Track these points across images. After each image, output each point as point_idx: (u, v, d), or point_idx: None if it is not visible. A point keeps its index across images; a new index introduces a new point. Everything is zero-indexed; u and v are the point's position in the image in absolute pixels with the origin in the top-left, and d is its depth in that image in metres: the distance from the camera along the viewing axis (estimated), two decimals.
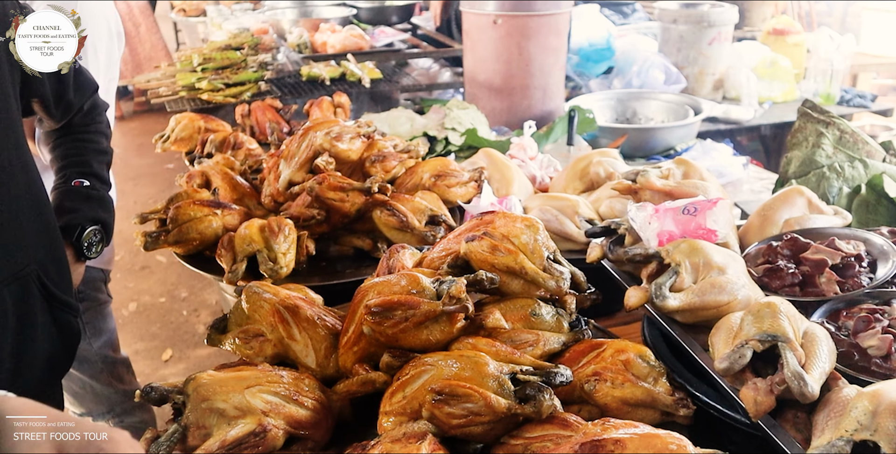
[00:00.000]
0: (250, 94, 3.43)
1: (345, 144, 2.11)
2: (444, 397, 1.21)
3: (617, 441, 0.99)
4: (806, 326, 1.32)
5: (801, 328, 1.31)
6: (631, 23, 5.96)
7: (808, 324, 1.33)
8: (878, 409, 1.12)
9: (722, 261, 1.49)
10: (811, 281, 1.56)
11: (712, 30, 4.30)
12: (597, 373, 1.34)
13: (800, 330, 1.30)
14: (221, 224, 2.01)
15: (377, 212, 1.98)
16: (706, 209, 1.57)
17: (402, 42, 4.48)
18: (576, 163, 2.39)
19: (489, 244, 1.46)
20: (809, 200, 1.83)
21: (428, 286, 1.36)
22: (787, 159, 2.16)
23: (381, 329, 1.34)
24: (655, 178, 1.79)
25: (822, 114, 2.14)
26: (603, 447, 0.98)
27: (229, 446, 1.25)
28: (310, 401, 1.33)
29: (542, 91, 3.74)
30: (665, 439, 1.00)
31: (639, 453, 0.97)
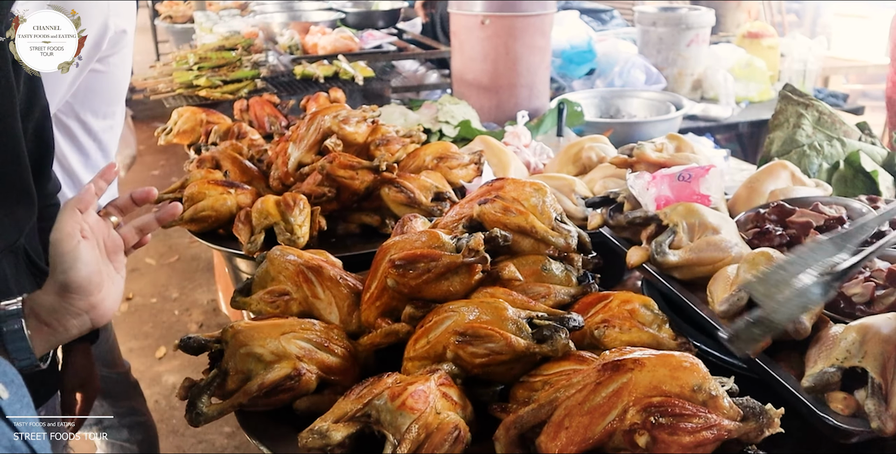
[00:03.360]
0: (247, 90, 3.53)
1: (352, 127, 2.21)
2: (467, 338, 1.30)
3: (636, 360, 1.09)
4: None
5: None
6: (609, 29, 6.12)
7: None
8: (865, 339, 1.23)
9: (716, 223, 1.60)
10: (798, 242, 1.67)
11: (690, 32, 4.46)
12: (605, 321, 1.44)
13: None
14: (235, 202, 2.09)
15: (385, 189, 2.07)
16: (700, 176, 1.69)
17: (390, 44, 4.60)
18: (568, 148, 2.51)
19: (501, 206, 1.57)
20: (793, 173, 1.95)
21: (447, 241, 1.46)
22: (769, 139, 2.29)
23: (404, 281, 1.43)
24: (650, 151, 1.91)
25: (802, 97, 2.28)
26: (623, 365, 1.08)
27: (267, 388, 1.33)
28: (339, 349, 1.43)
29: (528, 89, 3.87)
30: (679, 358, 1.10)
31: (657, 369, 1.07)
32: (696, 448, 1.03)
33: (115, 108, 2.43)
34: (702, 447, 1.03)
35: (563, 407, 1.09)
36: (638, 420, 1.03)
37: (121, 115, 2.49)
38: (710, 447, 1.05)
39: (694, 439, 1.02)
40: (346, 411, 1.16)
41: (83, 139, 2.37)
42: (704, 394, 1.06)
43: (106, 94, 2.36)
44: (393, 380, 1.21)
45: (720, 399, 1.06)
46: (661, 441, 1.01)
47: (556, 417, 1.08)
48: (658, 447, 1.02)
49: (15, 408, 0.89)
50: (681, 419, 1.02)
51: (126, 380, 2.79)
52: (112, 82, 2.35)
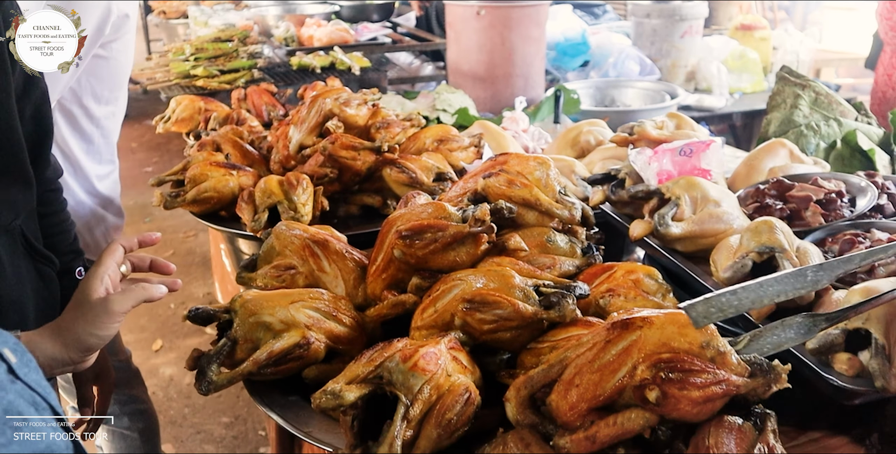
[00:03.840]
0: (244, 80, 3.53)
1: (353, 110, 2.22)
2: (475, 305, 1.31)
3: (645, 318, 1.10)
4: (798, 243, 1.45)
5: (795, 244, 1.44)
6: (602, 23, 6.15)
7: (800, 242, 1.47)
8: None
9: (717, 196, 1.62)
10: (798, 215, 1.70)
11: (684, 23, 4.49)
12: (610, 290, 1.45)
13: (793, 245, 1.43)
14: (238, 183, 2.10)
15: (387, 169, 2.08)
16: (700, 151, 1.71)
17: (385, 37, 4.61)
18: (566, 132, 2.53)
19: (506, 179, 1.58)
20: (791, 151, 1.98)
21: (453, 212, 1.48)
22: (767, 120, 2.32)
23: (411, 251, 1.45)
24: (651, 129, 1.93)
25: (799, 78, 2.31)
26: (633, 323, 1.10)
27: (276, 356, 1.34)
28: (347, 319, 1.44)
29: (524, 79, 3.89)
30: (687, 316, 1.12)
31: (665, 327, 1.09)
32: (706, 403, 1.04)
33: (117, 93, 2.43)
34: (711, 402, 1.05)
35: (573, 365, 1.10)
36: (648, 376, 1.04)
37: (123, 101, 2.49)
38: (720, 402, 1.06)
39: (703, 394, 1.03)
40: (358, 373, 1.17)
41: (85, 125, 2.38)
42: (713, 351, 1.07)
43: (108, 80, 2.36)
44: (404, 344, 1.22)
45: (728, 355, 1.08)
46: (671, 396, 1.03)
47: (567, 376, 1.10)
48: (668, 402, 1.03)
49: (24, 370, 0.90)
50: (690, 374, 1.04)
51: (128, 368, 2.79)
52: (115, 68, 2.36)
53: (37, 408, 0.86)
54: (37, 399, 0.89)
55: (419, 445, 1.13)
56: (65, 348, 1.23)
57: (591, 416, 1.06)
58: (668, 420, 1.06)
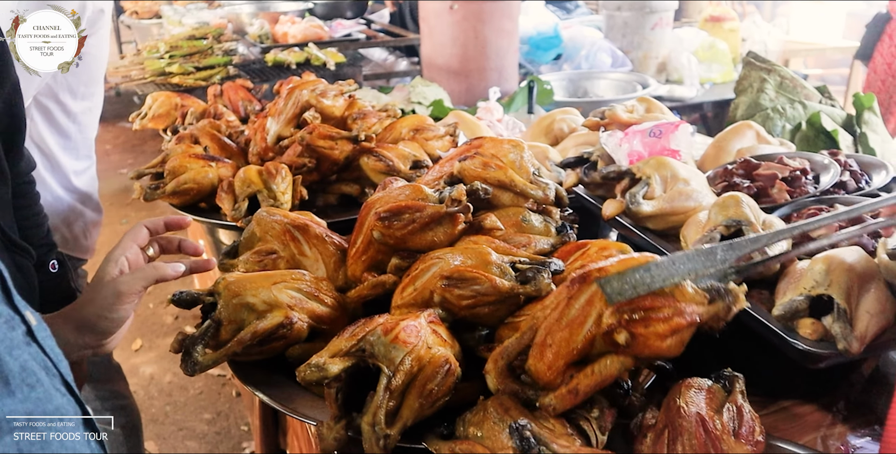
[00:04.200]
0: (220, 77, 3.54)
1: (329, 101, 2.25)
2: (454, 281, 1.35)
3: (600, 269, 1.14)
4: (764, 216, 1.51)
5: (761, 218, 1.49)
6: (574, 17, 6.22)
7: (765, 215, 1.52)
8: (830, 268, 1.30)
9: (687, 175, 1.67)
10: (765, 192, 1.75)
11: (654, 15, 4.56)
12: (584, 266, 1.49)
13: (759, 218, 1.48)
14: (217, 174, 2.13)
15: (364, 158, 2.12)
16: (669, 132, 1.76)
17: (360, 33, 4.64)
18: (540, 120, 2.58)
19: (481, 161, 1.62)
20: (758, 133, 2.03)
21: (430, 194, 1.51)
22: (735, 104, 2.38)
23: (389, 232, 1.48)
24: (622, 112, 1.98)
25: (764, 63, 2.37)
26: (589, 276, 1.13)
27: (260, 336, 1.37)
28: (329, 299, 1.47)
29: (497, 72, 3.94)
30: (638, 258, 1.16)
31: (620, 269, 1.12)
32: (673, 335, 1.06)
33: (93, 88, 2.44)
34: (678, 333, 1.07)
35: (542, 328, 1.14)
36: (613, 321, 1.06)
37: (99, 97, 2.50)
38: (686, 333, 1.09)
39: (669, 327, 1.06)
40: (341, 347, 1.21)
41: (62, 120, 2.38)
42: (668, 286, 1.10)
43: (84, 75, 2.37)
44: (385, 319, 1.26)
45: (684, 287, 1.10)
46: (639, 335, 1.06)
47: (539, 338, 1.13)
48: (637, 341, 1.06)
49: (42, 334, 0.93)
50: (652, 311, 1.06)
51: (108, 364, 2.80)
52: (90, 63, 2.36)
53: (48, 373, 0.89)
54: (48, 364, 0.92)
55: (402, 415, 1.16)
56: (78, 332, 1.23)
57: (569, 372, 1.10)
58: (643, 359, 1.09)
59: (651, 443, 1.10)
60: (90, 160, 2.57)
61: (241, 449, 3.76)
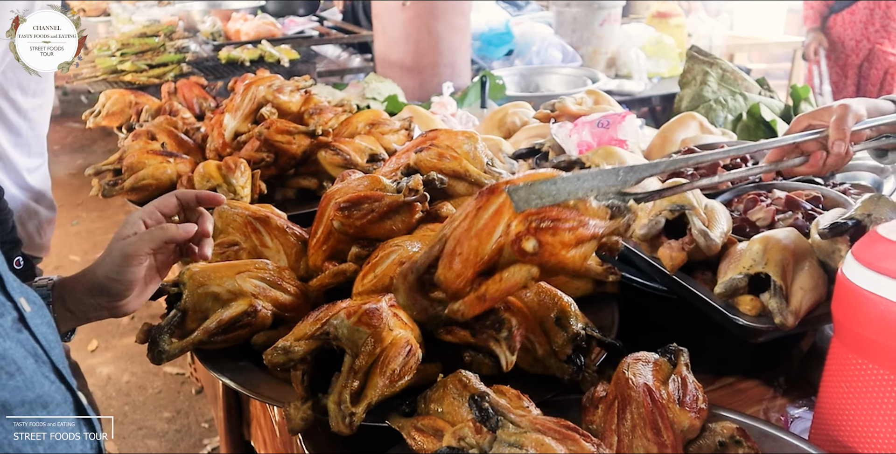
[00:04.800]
0: (173, 74, 3.54)
1: (286, 96, 2.28)
2: None
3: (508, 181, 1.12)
4: (706, 201, 1.58)
5: (703, 203, 1.57)
6: (525, 13, 6.30)
7: (707, 200, 1.59)
8: (767, 248, 1.38)
9: (633, 163, 1.75)
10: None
11: (603, 12, 4.65)
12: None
13: (702, 203, 1.56)
14: (175, 170, 2.15)
15: (322, 152, 2.15)
16: (617, 123, 1.83)
17: (313, 30, 4.66)
18: (493, 114, 2.64)
19: (436, 152, 1.67)
20: (701, 123, 2.12)
21: (388, 184, 1.56)
22: (679, 96, 2.47)
23: (349, 222, 1.53)
24: (571, 104, 2.05)
25: (707, 56, 2.47)
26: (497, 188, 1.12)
27: (226, 324, 1.41)
28: (292, 287, 1.51)
29: (450, 68, 3.99)
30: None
31: None
32: (578, 245, 1.10)
33: (44, 85, 2.43)
34: (582, 244, 1.10)
35: (451, 238, 1.14)
36: (521, 229, 1.08)
37: (51, 93, 2.49)
38: (590, 245, 1.12)
39: (574, 236, 1.09)
40: (305, 331, 1.25)
41: (13, 117, 2.37)
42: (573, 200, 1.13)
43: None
44: (347, 303, 1.30)
45: (588, 202, 1.14)
46: (546, 243, 1.08)
47: (448, 249, 1.13)
48: (544, 249, 1.08)
49: (36, 322, 0.95)
50: (559, 221, 1.08)
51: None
52: None
53: (36, 360, 0.90)
54: (39, 351, 0.93)
55: (366, 394, 1.21)
56: (89, 293, 1.22)
57: (477, 281, 1.11)
58: (547, 268, 1.11)
59: (602, 413, 1.16)
60: (42, 157, 2.56)
61: (202, 446, 3.77)
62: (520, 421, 1.00)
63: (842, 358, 1.18)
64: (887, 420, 1.10)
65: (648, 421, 1.11)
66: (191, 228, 1.29)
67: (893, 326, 1.06)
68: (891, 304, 1.06)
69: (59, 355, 0.96)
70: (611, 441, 1.11)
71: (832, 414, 1.20)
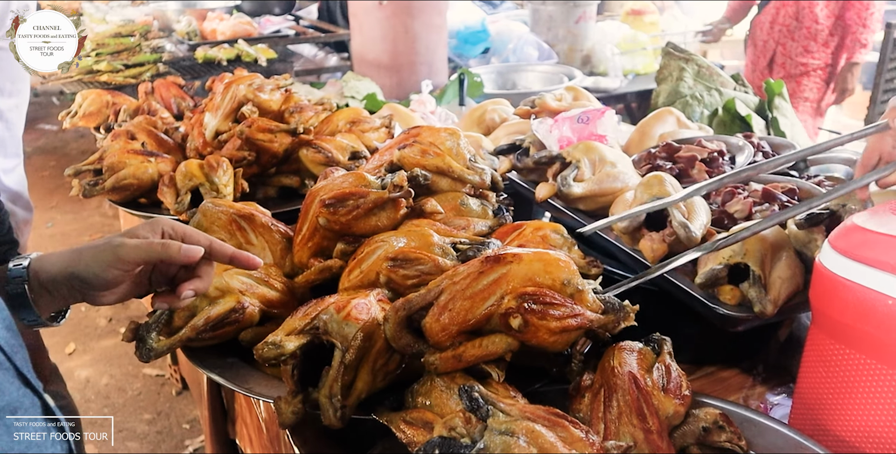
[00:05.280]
0: (150, 74, 3.52)
1: (266, 95, 2.29)
2: (399, 262, 1.42)
3: (515, 255, 1.21)
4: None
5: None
6: (500, 11, 6.33)
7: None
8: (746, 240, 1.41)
9: (614, 158, 1.78)
10: (686, 173, 1.87)
11: (578, 9, 4.69)
12: (521, 246, 1.58)
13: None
14: (156, 169, 2.14)
15: (303, 150, 2.16)
16: (596, 118, 1.86)
17: (289, 29, 4.65)
18: (472, 111, 2.66)
19: (419, 149, 1.69)
20: (678, 118, 2.15)
21: (373, 181, 1.58)
22: (656, 92, 2.51)
23: (335, 218, 1.54)
24: (551, 100, 2.07)
25: (682, 52, 2.50)
26: (504, 258, 1.20)
27: (213, 322, 1.42)
28: (278, 284, 1.52)
29: (428, 66, 4.00)
30: (553, 256, 1.23)
31: (533, 264, 1.20)
32: (562, 333, 1.16)
33: (20, 85, 2.42)
34: (566, 333, 1.17)
35: (448, 292, 1.20)
36: (513, 305, 1.15)
37: (26, 94, 2.48)
38: (574, 334, 1.19)
39: (560, 324, 1.15)
40: (295, 326, 1.26)
41: None
42: (572, 288, 1.20)
43: (10, 72, 2.35)
44: (336, 298, 1.32)
45: (585, 293, 1.21)
46: (532, 324, 1.14)
47: (442, 300, 1.19)
48: (529, 329, 1.15)
49: None
50: (550, 307, 1.15)
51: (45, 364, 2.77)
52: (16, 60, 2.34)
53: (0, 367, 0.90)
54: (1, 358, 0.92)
55: (356, 387, 1.22)
56: (68, 277, 1.14)
57: (459, 338, 1.17)
58: (527, 346, 1.18)
59: (588, 402, 1.19)
60: (18, 158, 2.54)
61: (184, 447, 3.75)
62: (509, 409, 1.02)
63: (820, 344, 1.21)
64: (865, 402, 1.13)
65: (634, 408, 1.13)
66: (194, 253, 1.18)
67: (870, 312, 1.09)
68: (867, 291, 1.09)
69: (23, 359, 0.94)
70: (598, 428, 1.14)
71: (811, 398, 1.23)
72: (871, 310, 1.09)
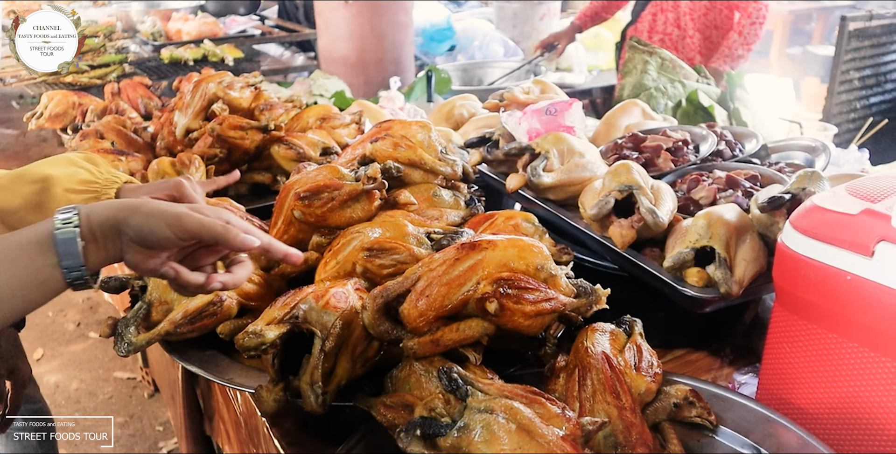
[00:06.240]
0: (116, 75, 3.51)
1: (236, 93, 2.30)
2: (374, 252, 1.44)
3: (490, 241, 1.24)
4: (652, 181, 1.66)
5: (650, 183, 1.64)
6: (465, 9, 6.37)
7: (654, 180, 1.67)
8: (710, 222, 1.46)
9: (582, 148, 1.81)
10: (652, 162, 1.91)
11: (542, 6, 4.75)
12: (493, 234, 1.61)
13: (648, 183, 1.63)
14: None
15: (275, 147, 2.17)
16: (564, 110, 1.90)
17: (254, 28, 4.64)
18: (441, 107, 2.69)
19: (391, 142, 1.71)
20: (643, 110, 2.20)
21: (347, 173, 1.60)
22: (621, 85, 2.56)
23: (310, 211, 1.56)
24: (519, 93, 2.11)
25: (646, 46, 2.56)
26: (479, 245, 1.23)
27: (192, 314, 1.43)
28: (255, 277, 1.54)
29: (395, 64, 4.03)
30: (527, 242, 1.27)
31: (507, 250, 1.23)
32: (536, 316, 1.20)
33: None
34: (541, 316, 1.21)
35: (425, 278, 1.23)
36: (489, 290, 1.18)
37: None
38: (548, 317, 1.23)
39: (535, 308, 1.19)
40: (274, 316, 1.28)
41: None
42: (546, 273, 1.23)
43: None
44: (314, 288, 1.34)
45: (558, 278, 1.24)
46: (508, 308, 1.18)
47: (419, 287, 1.22)
48: (504, 314, 1.19)
49: None
50: (524, 291, 1.19)
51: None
52: None
53: None
54: None
55: (336, 374, 1.25)
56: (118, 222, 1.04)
57: (437, 324, 1.20)
58: (502, 330, 1.21)
59: (563, 382, 1.22)
60: None
61: (158, 449, 3.74)
62: (487, 388, 1.05)
63: (784, 321, 1.26)
64: (827, 374, 1.18)
65: (608, 386, 1.17)
66: (251, 243, 1.11)
67: (831, 289, 1.14)
68: (827, 268, 1.14)
69: None
70: (573, 406, 1.17)
71: (776, 374, 1.28)
72: (832, 286, 1.13)
